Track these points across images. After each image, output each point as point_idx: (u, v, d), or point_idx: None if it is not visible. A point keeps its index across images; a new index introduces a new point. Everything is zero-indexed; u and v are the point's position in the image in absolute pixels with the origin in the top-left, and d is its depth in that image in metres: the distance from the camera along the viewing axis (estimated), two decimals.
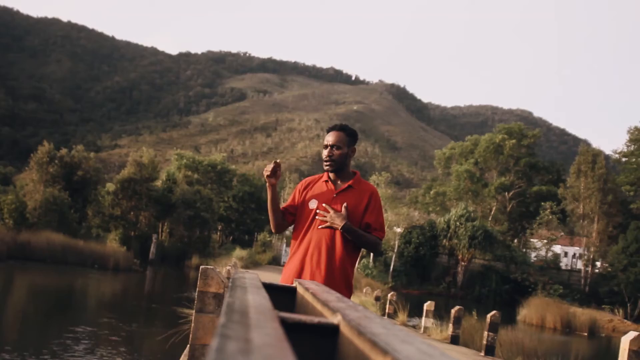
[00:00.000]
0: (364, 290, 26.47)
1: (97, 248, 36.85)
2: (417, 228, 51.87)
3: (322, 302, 1.33)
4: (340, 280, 3.91)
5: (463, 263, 51.41)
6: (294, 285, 2.04)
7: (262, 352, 0.56)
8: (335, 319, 1.11)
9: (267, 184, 4.04)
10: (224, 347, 0.57)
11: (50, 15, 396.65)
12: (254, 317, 0.82)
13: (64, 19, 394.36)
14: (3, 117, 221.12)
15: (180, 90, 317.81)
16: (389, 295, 21.83)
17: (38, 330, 15.84)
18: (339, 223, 3.86)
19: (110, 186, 51.67)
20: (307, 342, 1.12)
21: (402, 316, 18.93)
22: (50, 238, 35.10)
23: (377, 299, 23.18)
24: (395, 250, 50.00)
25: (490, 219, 60.46)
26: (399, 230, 49.99)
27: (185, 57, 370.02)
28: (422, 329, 17.03)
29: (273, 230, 4.23)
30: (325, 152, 4.08)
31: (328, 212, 3.89)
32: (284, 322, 1.10)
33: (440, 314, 18.95)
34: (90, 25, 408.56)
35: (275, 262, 52.58)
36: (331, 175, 4.10)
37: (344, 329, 1.03)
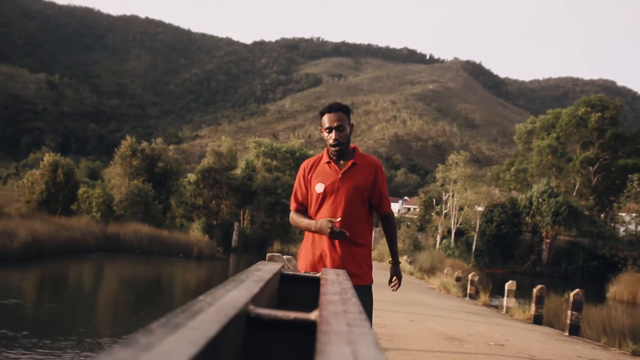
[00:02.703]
0: (445, 271, 26.21)
1: (181, 237, 37.74)
2: (498, 206, 50.98)
3: (321, 294, 1.32)
4: (356, 258, 3.93)
5: (547, 240, 50.27)
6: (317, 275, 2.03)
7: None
8: (314, 315, 1.09)
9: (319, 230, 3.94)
10: (118, 350, 0.57)
11: (129, 13, 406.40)
12: (202, 317, 0.80)
13: (142, 15, 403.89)
14: (89, 113, 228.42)
15: (256, 78, 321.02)
16: (470, 275, 21.57)
17: (130, 317, 16.41)
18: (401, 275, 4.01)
19: (192, 176, 52.70)
20: (285, 339, 1.11)
21: (483, 296, 18.69)
22: (136, 229, 36.16)
23: (458, 279, 22.94)
24: (477, 230, 49.31)
25: (574, 194, 58.90)
26: (480, 209, 49.25)
27: (260, 45, 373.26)
28: (504, 309, 16.78)
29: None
30: (332, 135, 3.93)
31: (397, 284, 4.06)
32: (259, 319, 1.08)
33: (524, 293, 18.63)
34: (167, 20, 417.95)
35: None
36: (332, 154, 4.04)
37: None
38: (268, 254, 5.06)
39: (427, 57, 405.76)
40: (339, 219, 3.87)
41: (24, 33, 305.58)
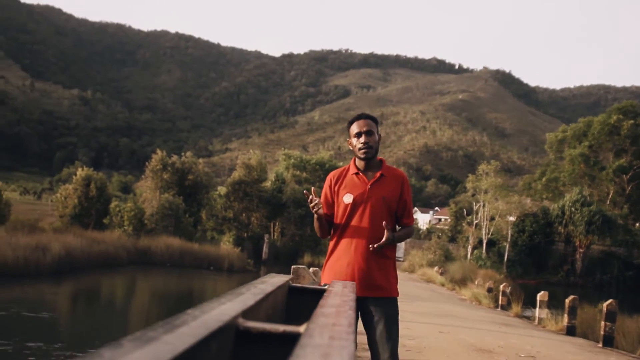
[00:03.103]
0: (476, 282, 26.00)
1: (212, 250, 37.93)
2: (530, 216, 50.48)
3: (319, 306, 1.31)
4: (384, 270, 3.93)
5: (581, 250, 49.63)
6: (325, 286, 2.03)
7: None
8: (303, 328, 1.08)
9: (316, 216, 3.98)
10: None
11: (159, 28, 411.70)
12: (182, 330, 0.80)
13: (172, 30, 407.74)
14: (121, 128, 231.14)
15: (285, 91, 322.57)
16: (502, 286, 21.38)
17: None
18: (392, 239, 3.87)
19: (222, 189, 52.97)
20: (275, 352, 1.10)
21: (515, 307, 18.49)
22: (168, 242, 36.45)
23: (489, 290, 22.74)
24: (509, 240, 48.85)
25: (608, 203, 58.14)
26: (511, 219, 48.81)
27: (289, 58, 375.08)
28: (536, 320, 16.58)
29: (321, 237, 4.24)
30: (361, 140, 3.96)
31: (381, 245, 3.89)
32: (248, 332, 1.08)
33: (558, 304, 18.39)
34: (197, 35, 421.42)
35: None
36: (359, 166, 4.04)
37: None
38: (293, 267, 5.08)
39: (456, 66, 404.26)
40: (305, 191, 4.01)
41: (57, 50, 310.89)
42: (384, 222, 3.83)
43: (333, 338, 0.89)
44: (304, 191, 4.15)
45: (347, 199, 3.96)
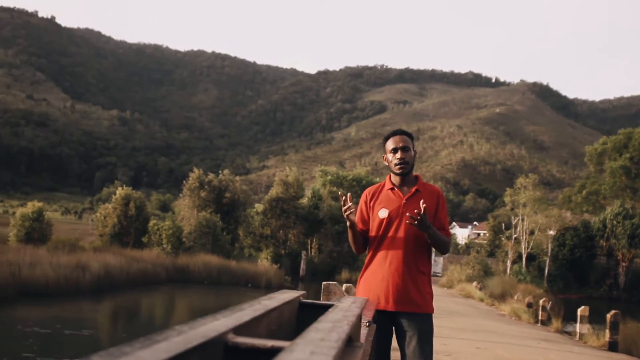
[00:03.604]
0: (516, 297, 25.66)
1: (249, 267, 38.04)
2: (570, 230, 49.76)
3: (317, 321, 1.33)
4: (419, 286, 3.89)
5: (624, 264, 48.74)
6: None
7: None
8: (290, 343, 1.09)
9: (348, 223, 3.93)
10: None
11: (196, 48, 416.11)
12: (160, 346, 0.79)
13: (209, 49, 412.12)
14: (159, 147, 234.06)
15: (321, 107, 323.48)
16: (541, 301, 21.07)
17: None
18: (427, 223, 3.76)
19: (259, 206, 53.12)
20: None
21: (556, 323, 18.20)
22: (205, 260, 36.65)
23: (529, 305, 22.41)
24: (549, 254, 48.17)
25: None
26: (551, 233, 48.15)
27: (324, 75, 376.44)
28: (577, 336, 16.30)
29: (356, 252, 4.21)
30: (397, 156, 3.97)
31: (417, 217, 3.78)
32: (237, 348, 1.08)
33: (600, 319, 18.05)
34: (233, 53, 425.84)
35: None
36: (395, 181, 4.04)
37: None
38: (324, 283, 5.05)
39: (493, 80, 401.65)
40: (340, 192, 3.98)
41: (97, 72, 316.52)
42: (421, 201, 3.79)
43: (314, 353, 0.88)
44: (339, 192, 4.14)
45: (382, 213, 3.96)
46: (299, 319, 1.91)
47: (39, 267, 24.04)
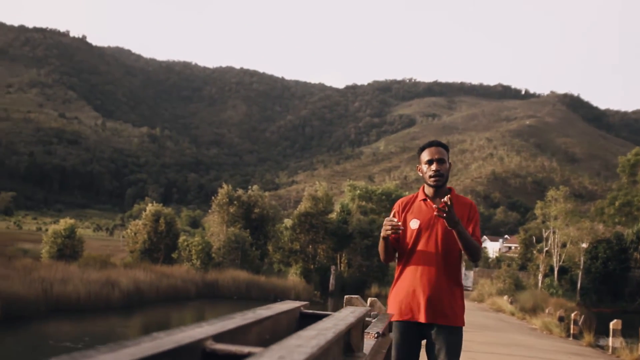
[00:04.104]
0: (547, 311, 25.34)
1: (278, 282, 38.09)
2: (603, 242, 49.02)
3: (304, 329, 1.32)
4: (451, 298, 3.86)
5: None
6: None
7: None
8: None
9: (382, 238, 3.92)
10: None
11: (224, 64, 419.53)
12: (126, 351, 0.80)
13: (237, 66, 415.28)
14: (189, 164, 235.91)
15: (350, 122, 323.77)
16: (573, 314, 20.77)
17: None
18: (456, 220, 3.73)
19: (288, 222, 53.17)
20: None
21: (588, 336, 17.92)
22: (234, 275, 36.77)
23: (560, 319, 22.09)
24: (582, 267, 47.51)
25: None
26: (583, 245, 47.49)
27: (352, 89, 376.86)
28: (610, 350, 16.03)
29: (383, 262, 4.20)
30: (432, 167, 3.94)
31: (445, 208, 3.75)
32: (215, 354, 1.08)
33: (634, 333, 17.73)
34: (261, 69, 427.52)
35: None
36: (428, 193, 4.01)
37: None
38: (346, 297, 5.07)
39: (523, 92, 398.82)
40: (399, 222, 3.84)
41: (127, 90, 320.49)
42: (447, 196, 3.77)
43: (282, 358, 0.89)
44: (393, 216, 3.98)
45: (414, 224, 3.94)
46: (300, 328, 1.91)
47: (70, 283, 24.30)
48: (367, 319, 3.44)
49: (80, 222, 68.25)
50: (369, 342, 2.30)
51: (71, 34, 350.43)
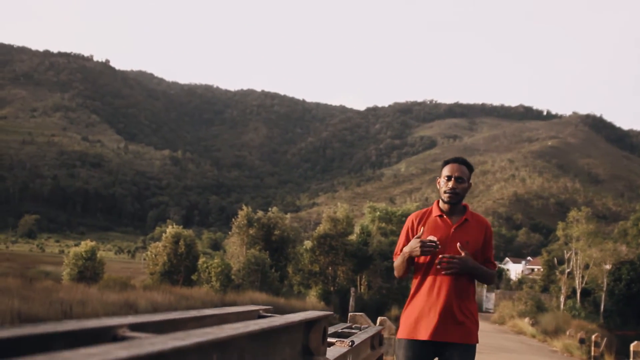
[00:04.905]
0: (568, 333, 25.03)
1: (298, 304, 37.95)
2: (626, 264, 48.42)
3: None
4: (467, 314, 3.84)
5: None
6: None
7: None
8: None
9: (407, 257, 3.91)
10: None
11: (245, 87, 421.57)
12: (25, 330, 0.81)
13: (258, 89, 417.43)
14: (210, 186, 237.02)
15: (370, 144, 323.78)
16: (594, 336, 20.51)
17: None
18: (467, 267, 3.75)
19: (308, 243, 53.14)
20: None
21: (609, 358, 17.68)
22: (254, 297, 36.70)
23: (581, 341, 21.82)
24: (605, 289, 46.92)
25: None
26: (607, 267, 46.95)
27: (373, 111, 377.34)
28: None
29: (398, 277, 4.17)
30: (449, 184, 3.94)
31: (452, 260, 3.78)
32: (124, 340, 1.09)
33: None
34: (282, 92, 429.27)
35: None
36: (443, 208, 4.00)
37: None
38: (350, 314, 5.06)
39: (544, 113, 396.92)
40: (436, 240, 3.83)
41: (149, 113, 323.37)
42: (458, 244, 3.79)
43: (176, 339, 0.92)
44: (429, 238, 3.91)
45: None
46: None
47: (89, 304, 24.40)
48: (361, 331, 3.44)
49: (102, 245, 68.66)
50: (338, 349, 2.31)
51: (95, 58, 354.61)
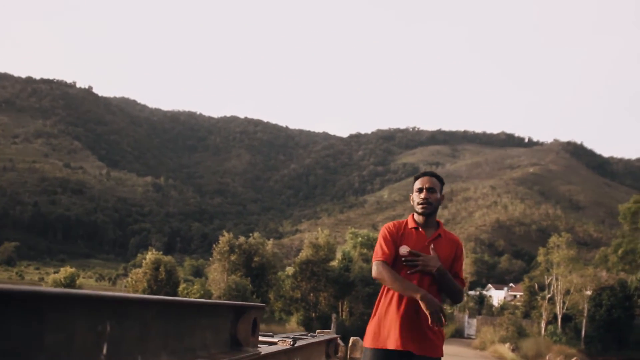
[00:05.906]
0: (547, 357, 25.07)
1: (279, 330, 37.74)
2: (607, 289, 48.60)
3: None
4: (432, 327, 3.82)
5: None
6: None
7: None
8: None
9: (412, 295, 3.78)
10: None
11: (229, 114, 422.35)
12: None
13: (242, 115, 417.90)
14: (193, 213, 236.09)
15: (353, 170, 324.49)
16: None
17: None
18: (433, 265, 3.78)
19: (290, 269, 53.03)
20: None
21: None
22: None
23: None
24: (586, 315, 47.05)
25: None
26: (587, 293, 47.12)
27: (356, 138, 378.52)
28: None
29: (378, 281, 4.16)
30: (421, 195, 4.02)
31: (417, 257, 3.81)
32: None
33: None
34: (265, 119, 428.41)
35: (458, 334, 51.34)
36: (419, 220, 4.04)
37: None
38: (317, 330, 5.08)
39: (526, 140, 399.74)
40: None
41: (132, 139, 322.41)
42: (431, 246, 3.83)
43: None
44: (404, 248, 3.94)
45: (403, 250, 3.94)
46: None
47: None
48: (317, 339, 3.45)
49: (83, 272, 68.02)
50: (276, 347, 2.32)
51: (78, 85, 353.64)
